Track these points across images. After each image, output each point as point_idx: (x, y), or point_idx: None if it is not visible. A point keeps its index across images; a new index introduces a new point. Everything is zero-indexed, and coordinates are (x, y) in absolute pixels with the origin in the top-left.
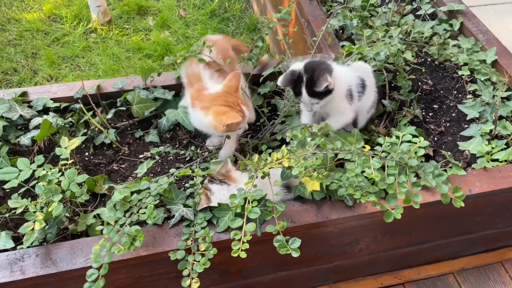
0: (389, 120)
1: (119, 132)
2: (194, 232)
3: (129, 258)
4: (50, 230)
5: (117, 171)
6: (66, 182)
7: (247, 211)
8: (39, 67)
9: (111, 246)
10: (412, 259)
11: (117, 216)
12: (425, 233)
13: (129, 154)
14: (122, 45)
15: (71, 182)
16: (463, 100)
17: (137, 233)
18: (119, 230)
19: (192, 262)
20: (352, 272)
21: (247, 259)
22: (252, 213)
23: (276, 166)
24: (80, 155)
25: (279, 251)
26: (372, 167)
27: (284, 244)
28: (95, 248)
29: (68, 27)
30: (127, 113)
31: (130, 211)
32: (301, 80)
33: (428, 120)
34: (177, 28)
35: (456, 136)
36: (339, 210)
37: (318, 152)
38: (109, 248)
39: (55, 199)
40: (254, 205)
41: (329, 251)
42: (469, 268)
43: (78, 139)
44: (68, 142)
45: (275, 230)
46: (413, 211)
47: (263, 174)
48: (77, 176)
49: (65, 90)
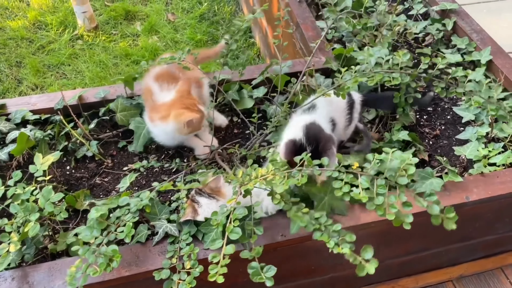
0: (382, 124)
1: (102, 143)
2: (179, 249)
3: (111, 279)
4: (27, 250)
5: (100, 185)
6: (43, 201)
7: (228, 231)
8: (24, 76)
9: (87, 267)
10: (409, 267)
11: (93, 235)
12: (422, 241)
13: (113, 167)
14: (109, 51)
15: (46, 201)
16: (458, 102)
17: (114, 253)
18: (95, 250)
19: (178, 282)
20: (348, 284)
21: (237, 274)
22: (233, 233)
23: (260, 183)
24: (61, 169)
25: (252, 279)
26: (360, 187)
27: (258, 271)
28: (70, 270)
29: (54, 34)
30: (111, 123)
31: (108, 229)
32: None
33: (423, 123)
34: (166, 33)
35: (451, 139)
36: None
37: (304, 169)
38: (84, 270)
39: (32, 218)
40: (236, 225)
41: (324, 263)
42: (468, 275)
43: (52, 156)
44: (42, 159)
45: (251, 256)
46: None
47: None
48: (53, 194)
49: (45, 101)
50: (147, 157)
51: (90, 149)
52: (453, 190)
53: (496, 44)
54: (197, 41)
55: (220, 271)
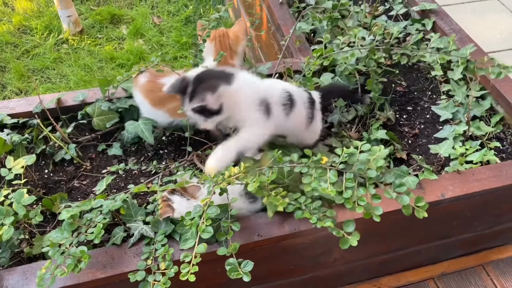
0: (361, 124)
1: (81, 147)
2: (154, 251)
3: (86, 281)
4: (3, 254)
5: (78, 188)
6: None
7: (200, 230)
8: (8, 80)
9: (55, 268)
10: (390, 266)
11: (63, 237)
12: (401, 240)
13: (92, 170)
14: (94, 55)
15: (17, 204)
16: (437, 101)
17: (82, 254)
18: (64, 251)
19: (153, 283)
20: (329, 283)
21: (215, 276)
22: (205, 232)
23: (233, 182)
24: (39, 173)
25: (229, 275)
26: (328, 181)
27: (236, 267)
28: (40, 272)
29: (39, 38)
30: (89, 127)
31: (78, 230)
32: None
33: (402, 122)
34: (151, 36)
35: (430, 138)
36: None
37: (274, 166)
38: (53, 270)
39: (7, 221)
40: (208, 224)
41: (303, 263)
42: (449, 273)
43: (24, 159)
44: (13, 162)
45: (228, 252)
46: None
47: (220, 190)
48: (25, 197)
49: (24, 105)
50: (126, 160)
51: (68, 152)
52: (428, 188)
53: (476, 44)
54: (183, 44)
55: (192, 269)
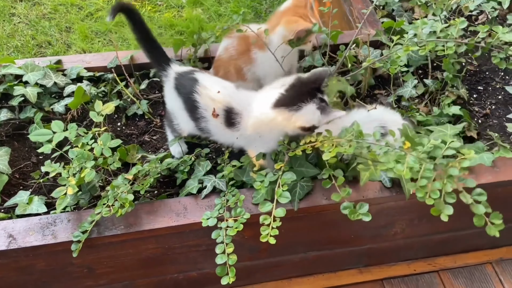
0: (430, 99)
1: (151, 103)
2: (226, 201)
3: (159, 228)
4: (83, 196)
5: (148, 142)
6: (99, 149)
7: (277, 195)
8: (73, 41)
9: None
10: (448, 246)
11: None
12: (465, 219)
13: (161, 126)
14: (154, 21)
15: (104, 146)
16: (511, 81)
17: (126, 201)
18: (116, 195)
19: (225, 229)
20: (385, 257)
21: (278, 236)
22: (282, 197)
23: (308, 149)
24: (112, 125)
25: (350, 217)
26: (406, 164)
27: (354, 210)
28: (95, 208)
29: (102, 2)
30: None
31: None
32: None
33: (472, 102)
34: (210, 6)
35: (502, 119)
36: (376, 189)
37: (353, 140)
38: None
39: (88, 165)
40: (285, 189)
41: (363, 233)
42: (508, 259)
43: (112, 103)
44: (102, 106)
45: (340, 198)
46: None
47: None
48: (110, 141)
49: (99, 60)
50: None
51: (140, 107)
52: (503, 166)
53: None
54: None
55: (272, 232)
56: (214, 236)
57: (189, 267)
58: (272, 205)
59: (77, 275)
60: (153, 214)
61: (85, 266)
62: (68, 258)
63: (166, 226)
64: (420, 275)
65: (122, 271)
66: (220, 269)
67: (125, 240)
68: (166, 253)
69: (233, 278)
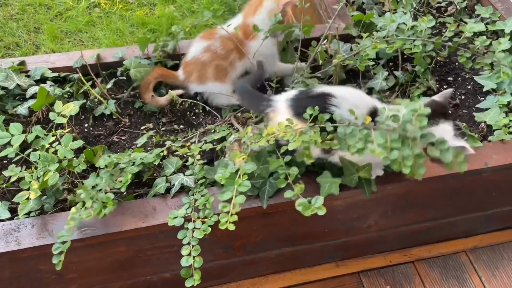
0: (401, 92)
1: (119, 103)
2: (194, 201)
3: (127, 230)
4: (47, 200)
5: (117, 142)
6: (63, 151)
7: (237, 184)
8: (42, 42)
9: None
10: (422, 236)
11: (96, 182)
12: (437, 209)
13: (130, 126)
14: (126, 20)
15: (65, 148)
16: (479, 71)
17: (107, 200)
18: (93, 196)
19: (192, 230)
20: (360, 249)
21: (251, 233)
22: (242, 186)
23: (270, 140)
24: (79, 126)
25: (304, 214)
26: (375, 142)
27: (308, 205)
28: (71, 212)
29: (71, 1)
30: (128, 84)
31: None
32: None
33: None
34: (183, 2)
35: (471, 109)
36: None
37: (316, 125)
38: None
39: (51, 168)
40: (245, 179)
41: (336, 227)
42: (482, 247)
43: (73, 103)
44: (62, 107)
45: (294, 195)
46: (424, 185)
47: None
48: (71, 142)
49: (64, 59)
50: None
51: (108, 107)
52: (471, 156)
53: None
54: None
55: (231, 219)
56: (180, 236)
57: (162, 268)
58: (232, 194)
59: (46, 281)
60: (121, 216)
61: (53, 272)
62: (34, 264)
63: (135, 227)
64: (396, 266)
65: (93, 275)
66: (185, 271)
67: (93, 244)
68: (137, 255)
69: (198, 281)
